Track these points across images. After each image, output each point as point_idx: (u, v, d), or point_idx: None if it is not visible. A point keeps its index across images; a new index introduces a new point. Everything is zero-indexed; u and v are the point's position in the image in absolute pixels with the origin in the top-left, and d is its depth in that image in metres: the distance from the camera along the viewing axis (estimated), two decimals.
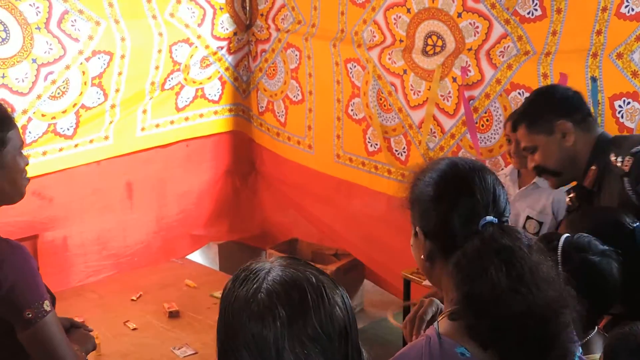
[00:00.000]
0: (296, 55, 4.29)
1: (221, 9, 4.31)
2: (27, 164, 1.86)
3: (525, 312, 1.25)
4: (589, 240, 1.67)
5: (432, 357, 1.29)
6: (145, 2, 3.96)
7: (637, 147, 2.08)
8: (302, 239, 4.58)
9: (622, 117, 2.84)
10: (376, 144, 3.94)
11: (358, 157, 4.06)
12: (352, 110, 4.05)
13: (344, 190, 4.18)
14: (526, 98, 2.49)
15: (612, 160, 2.12)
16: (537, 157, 2.30)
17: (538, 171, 2.36)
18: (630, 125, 2.82)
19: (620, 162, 2.09)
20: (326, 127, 4.20)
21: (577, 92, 2.34)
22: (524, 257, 1.29)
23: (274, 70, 4.47)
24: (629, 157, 2.07)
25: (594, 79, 2.93)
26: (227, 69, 4.47)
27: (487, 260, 1.28)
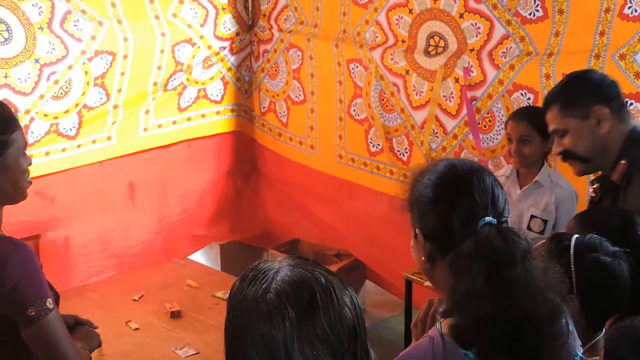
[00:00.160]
0: (298, 56, 4.29)
1: (224, 9, 4.31)
2: (30, 165, 1.87)
3: (495, 317, 1.24)
4: (600, 241, 1.67)
5: (436, 357, 1.30)
6: (147, 3, 3.96)
7: None
8: (304, 239, 4.57)
9: None
10: (378, 145, 3.94)
11: (360, 157, 4.06)
12: (354, 110, 4.05)
13: (345, 191, 4.18)
14: (561, 80, 2.36)
15: None
16: (567, 142, 2.17)
17: (564, 156, 2.22)
18: None
19: None
20: (328, 127, 4.20)
21: (614, 80, 2.24)
22: (513, 262, 1.27)
23: (276, 70, 4.47)
24: None
25: None
26: (229, 69, 4.47)
27: (473, 261, 1.28)
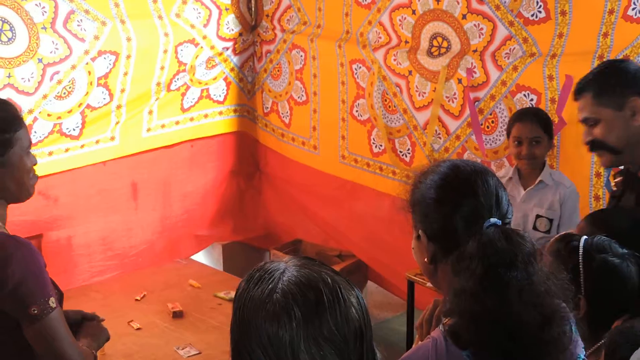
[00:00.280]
0: (301, 56, 4.28)
1: (227, 9, 4.31)
2: (35, 164, 1.87)
3: (488, 318, 1.25)
4: (609, 242, 1.67)
5: (438, 359, 1.29)
6: (151, 3, 3.96)
7: None
8: (306, 239, 4.57)
9: None
10: (381, 145, 3.94)
11: (363, 158, 4.06)
12: (356, 111, 4.05)
13: (348, 191, 4.17)
14: (596, 67, 2.27)
15: None
16: (598, 131, 2.09)
17: (593, 146, 2.14)
18: None
19: None
20: (331, 128, 4.20)
21: None
22: (513, 265, 1.27)
23: (278, 71, 4.47)
24: None
25: None
26: (232, 69, 4.47)
27: (472, 261, 1.28)
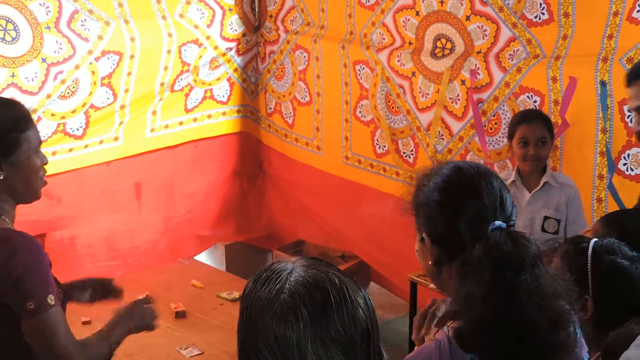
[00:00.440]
0: (304, 57, 4.29)
1: (230, 10, 4.31)
2: (46, 164, 1.86)
3: (496, 322, 1.24)
4: (619, 244, 1.67)
5: None
6: (155, 3, 3.97)
7: None
8: (309, 240, 4.57)
9: (631, 121, 2.83)
10: (384, 146, 3.94)
11: (366, 158, 4.06)
12: (360, 112, 4.05)
13: (351, 192, 4.17)
14: None
15: None
16: None
17: None
18: None
19: None
20: (334, 128, 4.20)
21: None
22: (522, 268, 1.27)
23: (282, 71, 4.47)
24: None
25: (603, 83, 2.92)
26: (235, 70, 4.47)
27: (481, 266, 1.27)
